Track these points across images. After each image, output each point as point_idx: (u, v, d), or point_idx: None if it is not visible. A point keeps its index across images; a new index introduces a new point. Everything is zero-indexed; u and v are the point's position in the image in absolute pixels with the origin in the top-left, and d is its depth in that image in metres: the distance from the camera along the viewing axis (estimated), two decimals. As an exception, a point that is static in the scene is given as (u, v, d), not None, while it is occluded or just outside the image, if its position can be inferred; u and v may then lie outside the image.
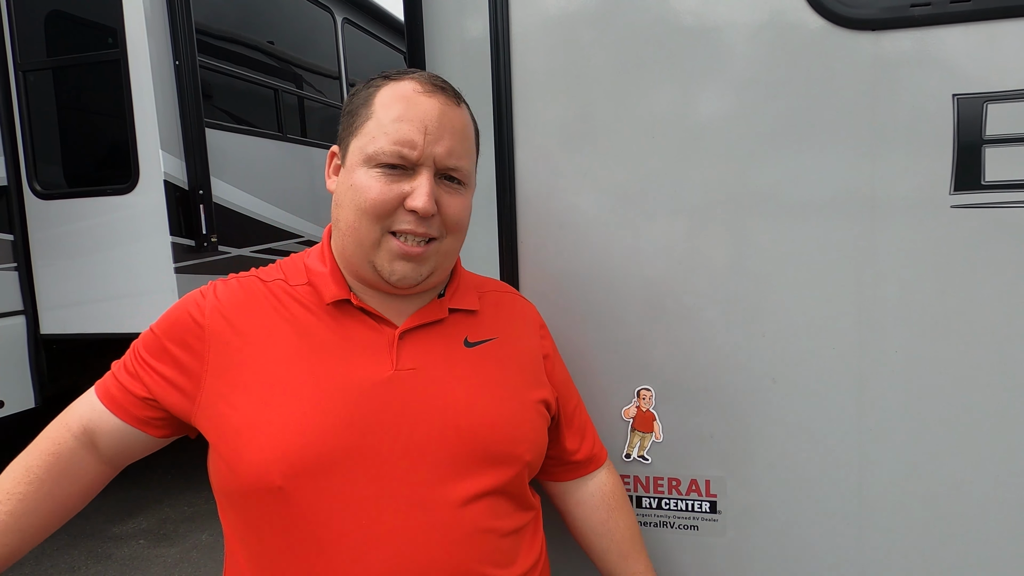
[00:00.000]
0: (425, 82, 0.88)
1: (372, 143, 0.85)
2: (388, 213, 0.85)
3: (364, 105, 0.88)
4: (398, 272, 0.87)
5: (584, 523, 1.08)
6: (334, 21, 5.08)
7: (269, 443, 0.81)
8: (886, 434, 1.08)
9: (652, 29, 1.11)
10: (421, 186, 0.84)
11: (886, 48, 1.03)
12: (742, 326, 1.12)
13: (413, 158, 0.84)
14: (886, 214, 1.05)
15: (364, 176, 0.85)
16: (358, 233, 0.87)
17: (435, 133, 0.85)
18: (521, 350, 1.00)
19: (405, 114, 0.85)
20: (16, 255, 3.49)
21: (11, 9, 3.42)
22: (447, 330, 0.94)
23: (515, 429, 0.92)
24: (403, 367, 0.87)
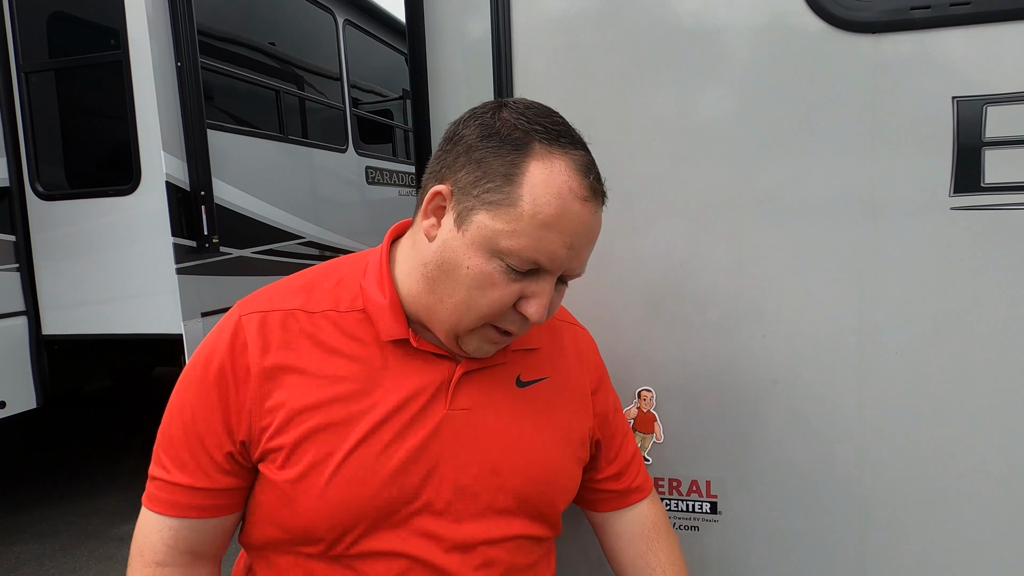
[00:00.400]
0: (584, 179, 0.76)
1: (510, 239, 0.74)
2: (501, 313, 0.78)
3: (507, 178, 0.75)
4: (480, 351, 0.82)
5: (622, 555, 1.03)
6: (335, 22, 5.09)
7: (318, 493, 0.78)
8: (886, 435, 1.08)
9: (653, 31, 1.12)
10: (542, 296, 0.77)
11: (886, 51, 1.03)
12: (743, 328, 1.13)
13: (551, 271, 0.77)
14: (886, 216, 1.05)
15: (486, 264, 0.75)
16: (459, 316, 0.78)
17: (578, 248, 0.77)
18: (572, 388, 0.96)
19: (558, 223, 0.74)
20: (18, 256, 3.49)
21: (13, 10, 3.43)
22: (503, 368, 0.89)
23: (555, 481, 0.90)
24: (456, 407, 0.83)
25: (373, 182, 5.48)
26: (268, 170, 4.16)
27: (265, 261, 4.00)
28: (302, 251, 4.35)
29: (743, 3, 1.08)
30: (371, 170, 5.46)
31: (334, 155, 4.99)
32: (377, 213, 5.51)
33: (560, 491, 0.91)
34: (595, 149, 1.16)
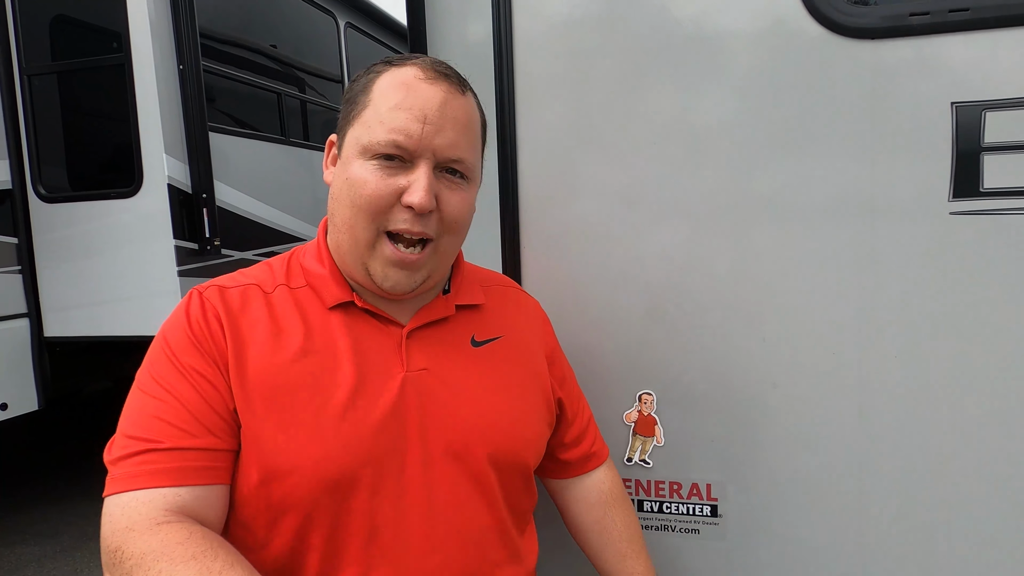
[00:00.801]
0: (428, 68, 0.82)
1: (368, 133, 0.80)
2: (384, 209, 0.80)
3: (363, 92, 0.83)
4: (391, 279, 0.82)
5: (580, 520, 1.06)
6: (337, 25, 5.10)
7: (284, 461, 0.77)
8: (886, 439, 1.09)
9: (654, 36, 1.12)
10: (419, 179, 0.79)
11: (885, 56, 1.04)
12: (743, 331, 1.13)
13: (410, 148, 0.79)
14: (886, 221, 1.06)
15: (360, 169, 0.80)
16: (353, 231, 0.82)
17: (436, 123, 0.79)
18: (526, 349, 0.98)
19: (404, 102, 0.79)
20: (20, 258, 3.50)
21: (16, 13, 3.44)
22: (453, 327, 0.91)
23: (521, 433, 0.91)
24: (413, 367, 0.85)
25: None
26: (269, 172, 4.17)
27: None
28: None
29: (743, 9, 1.08)
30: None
31: (335, 157, 4.99)
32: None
33: (526, 445, 0.92)
34: (597, 153, 1.17)
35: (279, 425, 0.78)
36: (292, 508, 0.79)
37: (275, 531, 0.80)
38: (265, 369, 0.80)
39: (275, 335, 0.82)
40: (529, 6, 1.17)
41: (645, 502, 1.20)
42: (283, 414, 0.79)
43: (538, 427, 0.95)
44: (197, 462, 0.76)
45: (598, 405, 1.19)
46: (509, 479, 0.90)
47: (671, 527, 1.19)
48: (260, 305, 0.85)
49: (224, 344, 0.80)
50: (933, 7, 1.00)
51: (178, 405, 0.77)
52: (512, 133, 1.19)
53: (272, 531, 0.80)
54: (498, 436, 0.88)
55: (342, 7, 5.14)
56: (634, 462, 1.19)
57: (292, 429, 0.78)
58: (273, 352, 0.81)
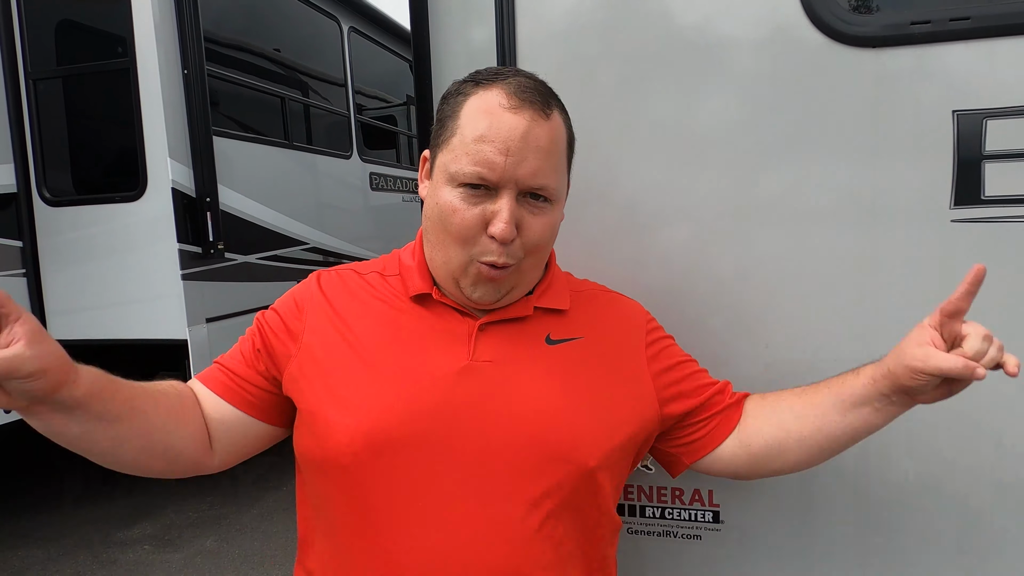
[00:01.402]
0: (512, 94, 0.84)
1: (455, 162, 0.84)
2: (472, 238, 0.85)
3: (451, 117, 0.87)
4: (479, 291, 0.88)
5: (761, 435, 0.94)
6: (340, 30, 5.12)
7: (343, 421, 0.85)
8: (889, 445, 1.09)
9: (656, 43, 1.13)
10: (501, 211, 0.83)
11: (887, 65, 1.04)
12: (745, 336, 1.13)
13: (493, 180, 0.83)
14: (887, 228, 1.06)
15: (449, 195, 0.85)
16: (446, 253, 0.88)
17: (518, 154, 0.82)
18: (613, 352, 0.94)
19: (487, 133, 0.82)
20: (25, 261, 3.52)
21: (22, 18, 3.46)
22: (530, 327, 0.93)
23: (585, 434, 0.86)
24: (479, 358, 0.88)
25: (377, 188, 5.50)
26: (273, 176, 4.18)
27: (270, 267, 4.02)
28: (306, 257, 4.37)
29: (746, 17, 1.09)
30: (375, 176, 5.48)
31: (338, 161, 5.01)
32: (381, 219, 5.53)
33: (589, 447, 0.86)
34: (598, 157, 1.17)
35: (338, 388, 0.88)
36: (337, 466, 0.86)
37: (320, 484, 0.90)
38: (348, 334, 0.91)
39: (359, 311, 0.93)
40: (532, 12, 1.18)
41: (647, 508, 1.20)
42: (339, 377, 0.88)
43: (609, 433, 0.89)
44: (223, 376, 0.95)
45: (600, 411, 1.19)
46: (564, 479, 0.85)
47: (673, 533, 1.20)
48: (352, 285, 0.97)
49: (301, 323, 0.94)
50: (934, 16, 1.01)
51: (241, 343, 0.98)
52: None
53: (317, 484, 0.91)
54: (555, 432, 0.85)
55: (345, 11, 5.16)
56: (636, 468, 1.19)
57: (346, 391, 0.87)
58: (358, 322, 0.92)
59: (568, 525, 0.86)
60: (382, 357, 0.89)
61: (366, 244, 5.03)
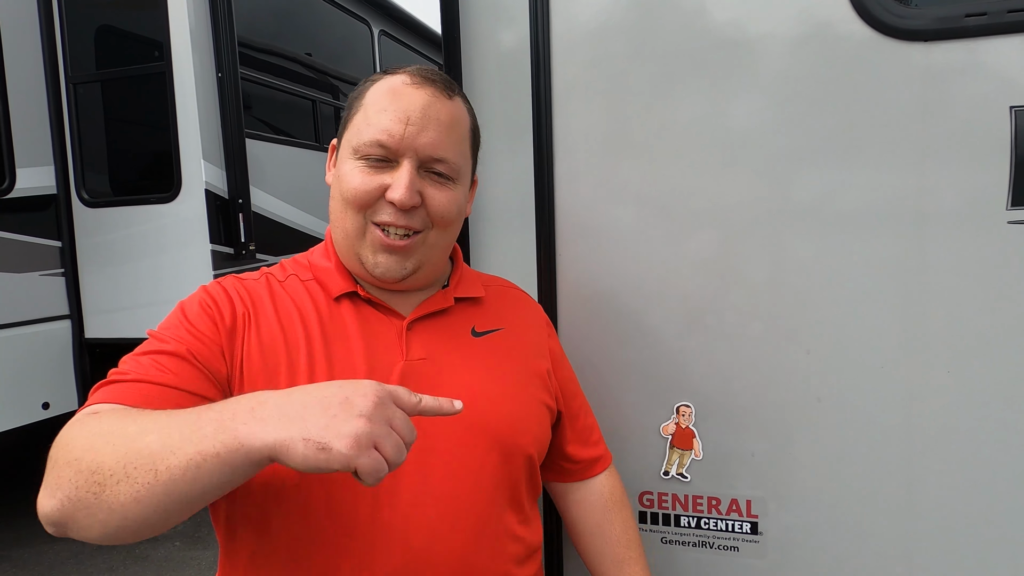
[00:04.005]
0: (415, 75, 0.88)
1: (357, 135, 0.86)
2: (369, 204, 0.85)
3: (357, 99, 0.90)
4: (381, 265, 0.86)
5: (580, 524, 1.06)
6: (371, 33, 5.15)
7: None
8: (936, 457, 1.04)
9: (692, 42, 1.10)
10: (400, 177, 0.83)
11: (938, 59, 1.00)
12: (785, 343, 1.10)
13: (392, 147, 0.84)
14: (937, 229, 1.02)
15: (350, 167, 0.86)
16: (344, 223, 0.87)
17: (418, 124, 0.84)
18: (527, 344, 0.99)
19: (389, 105, 0.85)
20: (64, 261, 3.60)
21: (64, 23, 3.54)
22: (454, 319, 0.94)
23: (520, 421, 0.92)
24: (413, 357, 0.87)
25: (406, 190, 5.53)
26: (304, 178, 4.22)
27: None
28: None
29: (787, 12, 1.06)
30: (404, 178, 5.50)
31: (368, 164, 5.04)
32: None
33: (525, 433, 0.92)
34: (635, 159, 1.14)
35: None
36: (287, 488, 0.78)
37: (273, 513, 0.80)
38: (274, 345, 0.83)
39: (288, 317, 0.87)
40: (566, 12, 1.16)
41: (682, 517, 1.17)
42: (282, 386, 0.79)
43: (539, 419, 0.95)
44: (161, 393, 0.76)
45: (635, 416, 1.17)
46: (511, 468, 0.89)
47: (709, 543, 1.16)
48: (274, 290, 0.90)
49: (233, 310, 0.85)
50: (990, 7, 0.96)
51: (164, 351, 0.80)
52: (549, 140, 1.18)
53: (269, 514, 0.80)
54: (498, 424, 0.88)
55: (376, 15, 5.20)
56: (671, 476, 1.16)
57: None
58: (285, 329, 0.85)
59: (516, 510, 0.91)
60: (319, 363, 0.83)
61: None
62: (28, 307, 3.42)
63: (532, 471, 0.95)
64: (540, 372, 0.98)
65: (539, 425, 0.95)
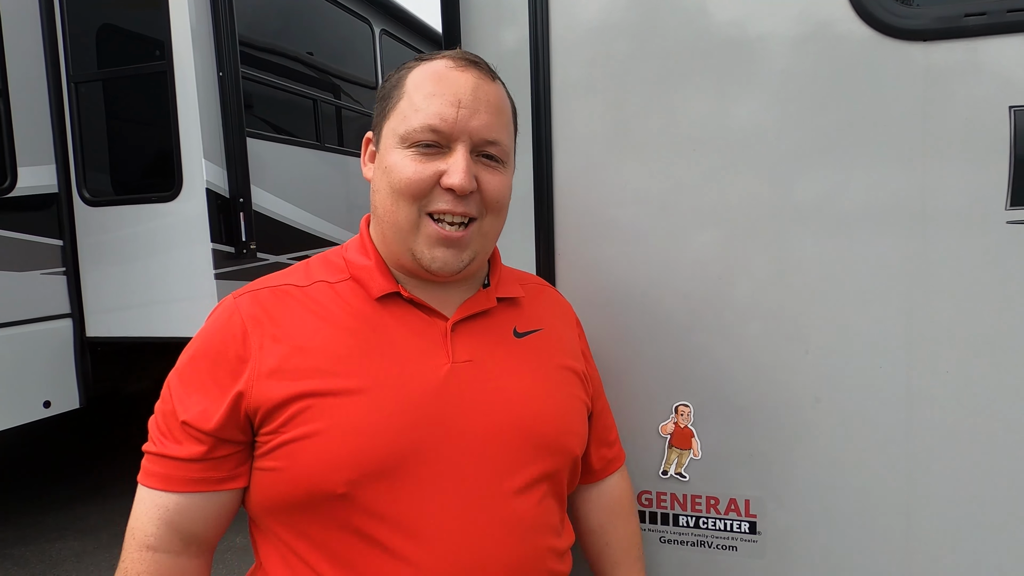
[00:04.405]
0: (458, 58, 0.85)
1: (404, 123, 0.82)
2: (424, 193, 0.81)
3: (396, 87, 0.86)
4: (439, 259, 0.83)
5: (585, 522, 1.06)
6: (372, 32, 5.15)
7: (329, 449, 0.77)
8: (936, 459, 1.04)
9: (694, 41, 1.10)
10: (457, 162, 0.81)
11: (937, 59, 1.00)
12: (785, 343, 1.10)
13: (447, 132, 0.81)
14: (937, 229, 1.02)
15: (399, 157, 0.82)
16: (395, 216, 0.83)
17: (469, 107, 0.82)
18: (564, 343, 0.98)
19: (437, 89, 0.82)
20: (65, 260, 3.60)
21: (65, 23, 3.55)
22: (495, 320, 0.92)
23: (564, 420, 0.91)
24: (459, 359, 0.85)
25: (407, 189, 5.53)
26: (305, 177, 4.23)
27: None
28: (336, 257, 4.40)
29: (786, 12, 1.06)
30: (405, 177, 5.51)
31: (369, 163, 5.05)
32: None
33: (570, 433, 0.92)
34: (634, 158, 1.15)
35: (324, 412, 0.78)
36: (333, 497, 0.78)
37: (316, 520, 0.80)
38: (312, 357, 0.81)
39: (316, 327, 0.83)
40: (566, 11, 1.16)
41: (681, 516, 1.17)
42: (321, 404, 0.79)
43: (581, 418, 0.95)
44: (180, 471, 0.81)
45: (633, 415, 1.17)
46: (558, 468, 0.89)
47: (707, 543, 1.16)
48: (296, 302, 0.85)
49: (246, 352, 0.81)
50: (990, 7, 0.96)
51: (174, 411, 0.81)
52: (548, 138, 1.18)
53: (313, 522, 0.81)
54: (546, 426, 0.88)
55: (377, 14, 5.20)
56: (669, 475, 1.16)
57: (338, 415, 0.78)
58: (319, 341, 0.82)
59: (557, 505, 0.91)
60: (360, 372, 0.81)
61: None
62: (29, 305, 3.42)
63: (575, 469, 0.95)
64: (578, 371, 0.97)
65: (582, 424, 0.95)
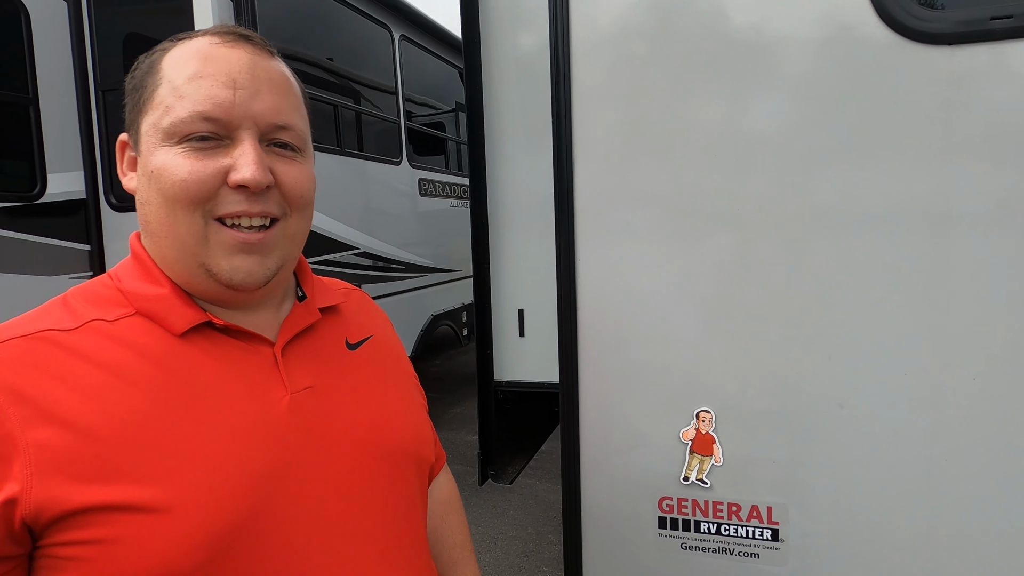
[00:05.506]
0: (224, 33, 0.69)
1: (168, 114, 0.65)
2: (207, 196, 0.65)
3: (149, 74, 0.69)
4: (241, 269, 0.67)
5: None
6: (391, 38, 5.20)
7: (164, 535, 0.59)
8: (962, 465, 1.03)
9: (714, 45, 1.10)
10: (245, 153, 0.65)
11: (962, 63, 0.99)
12: (806, 347, 1.09)
13: (224, 119, 0.65)
14: (962, 232, 1.01)
15: (167, 156, 0.65)
16: (174, 230, 0.66)
17: (248, 86, 0.67)
18: (393, 348, 0.90)
19: (203, 69, 0.66)
20: (92, 264, 3.67)
21: (94, 32, 3.62)
22: (323, 334, 0.79)
23: (419, 432, 0.83)
24: (297, 388, 0.71)
25: (426, 194, 5.56)
26: (325, 182, 4.26)
27: (321, 272, 4.09)
28: (357, 262, 4.44)
29: (808, 16, 1.05)
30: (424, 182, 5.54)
31: (388, 167, 5.08)
32: (429, 224, 5.59)
33: (424, 441, 0.84)
34: (653, 160, 1.15)
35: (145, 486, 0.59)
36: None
37: None
38: (109, 433, 0.60)
39: (104, 386, 0.62)
40: (586, 16, 1.17)
41: (702, 523, 1.16)
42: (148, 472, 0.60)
43: (427, 421, 0.88)
44: None
45: (653, 421, 1.17)
46: (421, 481, 0.82)
47: (729, 550, 1.16)
48: (67, 354, 0.62)
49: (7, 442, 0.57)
50: (1017, 10, 0.95)
51: None
52: (568, 143, 1.18)
53: None
54: (403, 441, 0.79)
55: (397, 20, 5.24)
56: (691, 481, 1.16)
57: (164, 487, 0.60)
58: (111, 406, 0.61)
59: (424, 520, 0.83)
60: (179, 435, 0.62)
61: (414, 249, 5.09)
62: (58, 309, 3.50)
63: (430, 476, 0.89)
64: (411, 374, 0.90)
65: (430, 429, 0.88)
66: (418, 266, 5.18)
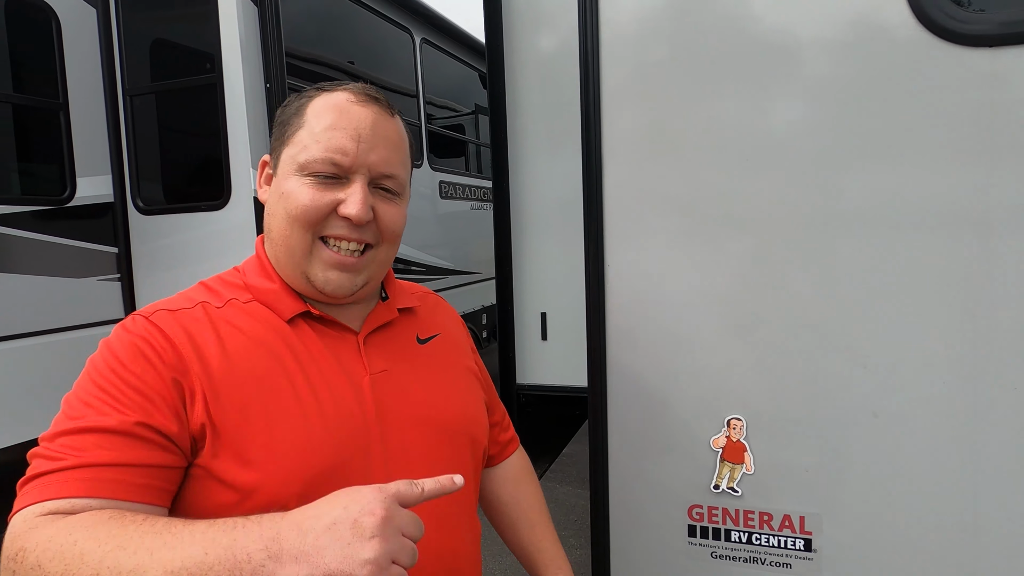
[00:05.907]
0: (358, 93, 0.87)
1: (304, 152, 0.83)
2: (319, 219, 0.83)
3: (296, 115, 0.87)
4: (333, 281, 0.85)
5: (497, 496, 1.12)
6: (413, 41, 5.22)
7: (279, 466, 0.76)
8: (1002, 477, 1.01)
9: (745, 47, 1.09)
10: (355, 193, 0.83)
11: (1004, 65, 0.97)
12: (840, 354, 1.07)
13: (346, 165, 0.83)
14: (1004, 235, 0.99)
15: (296, 184, 0.83)
16: (289, 242, 0.85)
17: (369, 141, 0.84)
18: (458, 346, 1.05)
19: (338, 122, 0.84)
20: (120, 266, 3.73)
21: (122, 38, 3.68)
22: (399, 330, 0.96)
23: (475, 416, 0.98)
24: (375, 369, 0.88)
25: (446, 196, 5.57)
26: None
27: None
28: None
29: (845, 15, 1.04)
30: (444, 184, 5.55)
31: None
32: (450, 226, 5.60)
33: (480, 426, 0.99)
34: (685, 164, 1.14)
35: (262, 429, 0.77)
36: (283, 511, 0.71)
37: None
38: (239, 377, 0.78)
39: (241, 344, 0.81)
40: (613, 20, 1.16)
41: (733, 532, 1.15)
42: (263, 420, 0.77)
43: (482, 408, 1.02)
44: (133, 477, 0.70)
45: (684, 428, 1.15)
46: (476, 460, 0.97)
47: (760, 559, 1.14)
48: (212, 320, 0.83)
49: (182, 364, 0.77)
50: (1061, 11, 0.93)
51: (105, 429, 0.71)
52: (597, 147, 1.18)
53: None
54: (461, 422, 0.94)
55: (418, 24, 5.26)
56: (721, 489, 1.14)
57: (277, 432, 0.78)
58: (247, 361, 0.80)
59: (476, 496, 0.98)
60: (290, 388, 0.80)
61: (435, 251, 5.10)
62: (87, 311, 3.55)
63: (484, 455, 1.02)
64: (473, 369, 1.04)
65: (484, 415, 1.02)
66: (438, 268, 5.19)
